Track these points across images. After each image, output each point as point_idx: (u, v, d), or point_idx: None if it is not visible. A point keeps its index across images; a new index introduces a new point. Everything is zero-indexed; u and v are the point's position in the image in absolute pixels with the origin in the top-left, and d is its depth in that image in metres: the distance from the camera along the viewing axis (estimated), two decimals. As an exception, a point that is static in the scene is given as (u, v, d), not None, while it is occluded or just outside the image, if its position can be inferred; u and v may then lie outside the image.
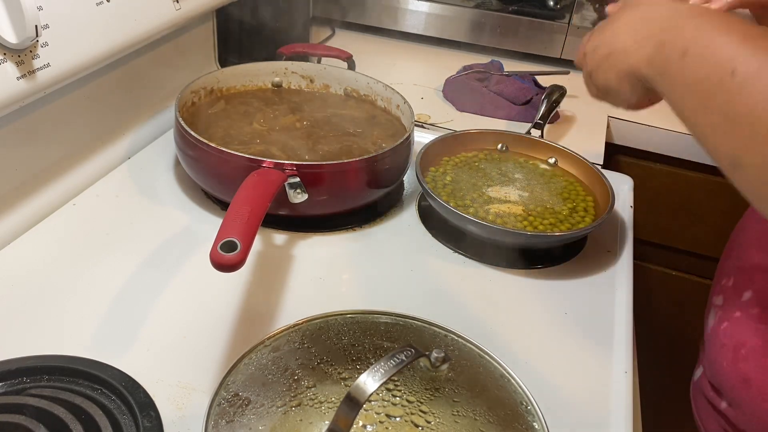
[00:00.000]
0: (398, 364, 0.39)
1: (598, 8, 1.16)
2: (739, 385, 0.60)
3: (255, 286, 0.63)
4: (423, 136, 0.85)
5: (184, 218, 0.72)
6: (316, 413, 0.48)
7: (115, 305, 0.59)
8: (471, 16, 1.23)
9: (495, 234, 0.69)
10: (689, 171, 1.10)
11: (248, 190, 0.60)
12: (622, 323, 0.64)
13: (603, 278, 0.70)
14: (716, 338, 0.64)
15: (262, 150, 0.75)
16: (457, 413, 0.48)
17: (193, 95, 0.81)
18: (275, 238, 0.71)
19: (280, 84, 0.90)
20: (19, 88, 0.59)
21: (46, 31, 0.61)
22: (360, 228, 0.74)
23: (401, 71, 1.19)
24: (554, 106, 0.97)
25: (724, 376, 0.62)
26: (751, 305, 0.61)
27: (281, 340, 0.48)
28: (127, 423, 0.47)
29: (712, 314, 0.66)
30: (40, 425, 0.44)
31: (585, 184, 0.80)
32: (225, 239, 0.51)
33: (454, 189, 0.76)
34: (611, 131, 1.10)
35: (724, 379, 0.62)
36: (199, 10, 0.86)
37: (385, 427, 0.48)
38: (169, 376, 0.52)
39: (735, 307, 0.63)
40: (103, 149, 0.78)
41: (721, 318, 0.64)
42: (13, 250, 0.64)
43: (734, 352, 0.61)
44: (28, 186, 0.68)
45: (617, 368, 0.58)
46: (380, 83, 0.87)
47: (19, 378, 0.49)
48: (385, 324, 0.50)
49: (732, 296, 0.64)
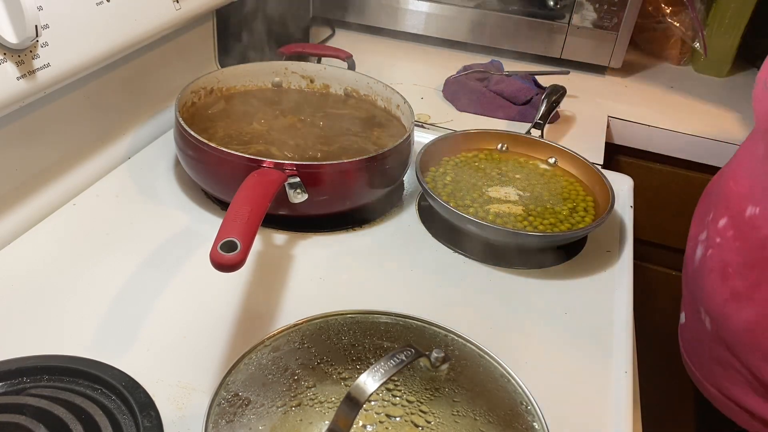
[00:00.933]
0: (398, 364, 0.39)
1: (598, 8, 1.16)
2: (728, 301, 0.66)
3: (255, 286, 0.63)
4: (423, 136, 0.85)
5: (184, 218, 0.72)
6: (316, 413, 0.48)
7: (115, 305, 0.59)
8: (471, 16, 1.23)
9: (495, 234, 0.69)
10: (689, 171, 1.10)
11: (248, 190, 0.60)
12: (622, 323, 0.64)
13: (603, 278, 0.70)
14: (704, 266, 0.70)
15: (262, 150, 0.75)
16: (457, 413, 0.48)
17: (193, 95, 0.81)
18: (275, 238, 0.71)
19: (280, 84, 0.90)
20: (19, 88, 0.59)
21: (46, 31, 0.61)
22: (360, 228, 0.74)
23: (401, 71, 1.19)
24: (554, 106, 0.97)
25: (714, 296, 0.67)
26: (727, 228, 0.67)
27: (281, 340, 0.48)
28: (127, 423, 0.47)
29: (698, 250, 0.73)
30: (40, 425, 0.44)
31: (585, 184, 0.80)
32: (225, 239, 0.51)
33: (454, 189, 0.76)
34: (611, 131, 1.10)
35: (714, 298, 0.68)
36: (199, 10, 0.86)
37: (385, 427, 0.48)
38: (169, 376, 0.52)
39: (716, 234, 0.69)
40: (103, 149, 0.78)
41: (706, 248, 0.71)
42: (13, 250, 0.64)
43: (722, 272, 0.67)
44: (28, 186, 0.68)
45: (617, 368, 0.58)
46: (380, 83, 0.87)
47: (19, 378, 0.49)
48: (385, 324, 0.50)
49: (712, 227, 0.71)
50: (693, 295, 0.74)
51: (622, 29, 1.17)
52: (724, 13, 1.23)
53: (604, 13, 1.16)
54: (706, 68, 1.31)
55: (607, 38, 1.18)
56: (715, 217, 0.71)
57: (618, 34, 1.17)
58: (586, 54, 1.21)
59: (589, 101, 1.11)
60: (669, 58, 1.35)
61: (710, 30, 1.25)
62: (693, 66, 1.34)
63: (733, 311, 0.66)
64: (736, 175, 0.70)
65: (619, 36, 1.17)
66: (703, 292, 0.70)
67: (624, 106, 1.11)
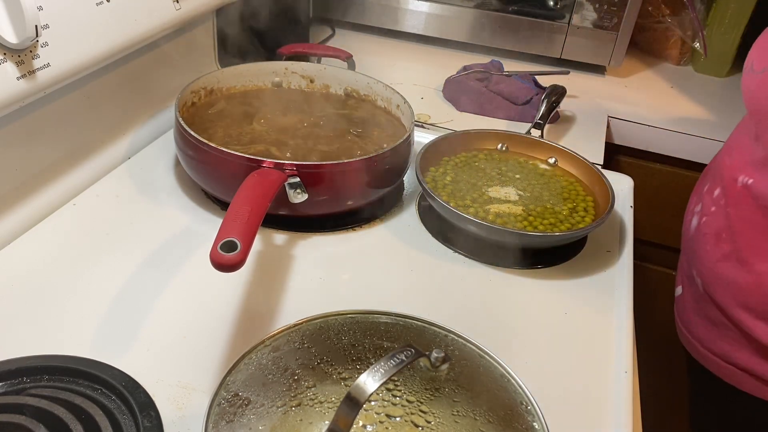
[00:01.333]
0: (398, 364, 0.39)
1: (598, 8, 1.16)
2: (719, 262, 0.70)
3: (255, 286, 0.63)
4: (423, 136, 0.85)
5: (184, 218, 0.72)
6: (316, 413, 0.48)
7: (115, 305, 0.59)
8: (471, 16, 1.23)
9: (495, 234, 0.69)
10: (689, 171, 1.10)
11: (248, 190, 0.60)
12: (622, 323, 0.64)
13: (603, 278, 0.70)
14: (699, 233, 0.75)
15: (262, 150, 0.75)
16: (457, 413, 0.48)
17: (193, 95, 0.81)
18: (275, 238, 0.71)
19: (280, 84, 0.90)
20: (19, 88, 0.59)
21: (46, 31, 0.61)
22: (360, 228, 0.74)
23: (401, 71, 1.19)
24: (554, 106, 0.97)
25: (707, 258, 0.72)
26: (719, 198, 0.73)
27: (281, 340, 0.48)
28: (127, 423, 0.47)
29: (694, 219, 0.78)
30: (40, 425, 0.44)
31: (585, 184, 0.80)
32: (225, 239, 0.51)
33: (454, 189, 0.76)
34: (611, 131, 1.10)
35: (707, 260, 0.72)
36: (199, 10, 0.86)
37: (385, 427, 0.48)
38: (169, 376, 0.52)
39: (710, 204, 0.74)
40: (103, 149, 0.78)
41: (700, 216, 0.76)
42: (13, 250, 0.64)
43: (715, 237, 0.71)
44: (28, 186, 0.68)
45: (617, 368, 0.58)
46: (380, 83, 0.87)
47: (19, 378, 0.49)
48: (385, 324, 0.50)
49: (707, 197, 0.76)
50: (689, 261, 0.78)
51: (622, 29, 1.17)
52: (724, 13, 1.23)
53: (604, 13, 1.16)
54: (706, 68, 1.31)
55: (607, 38, 1.18)
56: (710, 188, 0.76)
57: (618, 34, 1.17)
58: (586, 54, 1.21)
59: (589, 101, 1.11)
60: (669, 58, 1.35)
61: (710, 30, 1.25)
62: (693, 66, 1.34)
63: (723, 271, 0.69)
64: (731, 151, 0.73)
65: (619, 36, 1.17)
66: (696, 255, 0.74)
67: (624, 106, 1.11)
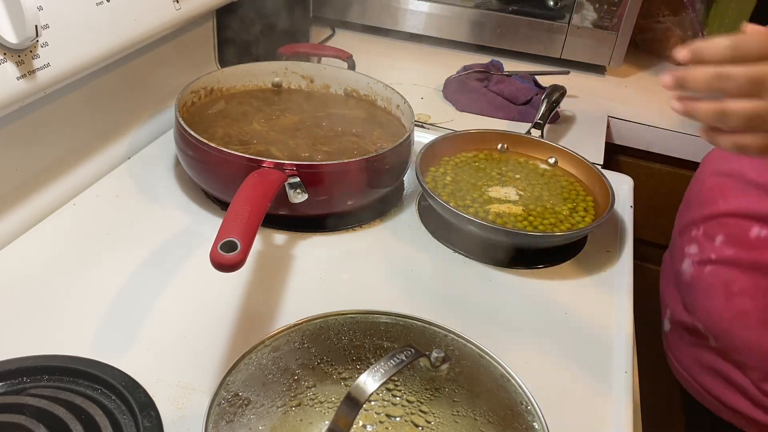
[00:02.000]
0: (398, 364, 0.39)
1: (598, 8, 1.16)
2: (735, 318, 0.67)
3: (255, 286, 0.63)
4: (423, 136, 0.85)
5: (184, 218, 0.72)
6: (316, 413, 0.48)
7: (115, 305, 0.59)
8: (471, 16, 1.23)
9: (495, 234, 0.69)
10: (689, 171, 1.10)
11: (248, 190, 0.60)
12: (622, 323, 0.64)
13: (603, 278, 0.70)
14: (701, 282, 0.70)
15: (262, 150, 0.75)
16: (457, 413, 0.48)
17: (193, 95, 0.81)
18: (275, 238, 0.71)
19: (280, 84, 0.90)
20: (19, 88, 0.59)
21: (46, 31, 0.61)
22: (360, 228, 0.74)
23: (401, 71, 1.19)
24: (554, 106, 0.97)
25: (716, 313, 0.68)
26: (725, 247, 0.68)
27: (281, 340, 0.48)
28: (127, 423, 0.47)
29: (686, 264, 0.74)
30: (40, 425, 0.44)
31: (585, 184, 0.80)
32: (225, 239, 0.51)
33: (454, 189, 0.76)
34: (611, 131, 1.10)
35: (716, 315, 0.68)
36: (199, 10, 0.86)
37: (385, 427, 0.48)
38: (169, 376, 0.52)
39: (710, 251, 0.70)
40: (103, 149, 0.78)
41: (700, 263, 0.71)
42: (13, 250, 0.64)
43: (726, 289, 0.67)
44: (28, 186, 0.68)
45: (617, 368, 0.58)
46: (380, 83, 0.86)
47: (19, 378, 0.49)
48: (385, 324, 0.50)
49: (704, 243, 0.71)
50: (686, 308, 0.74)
51: (622, 29, 1.16)
52: (724, 13, 1.23)
53: (604, 13, 1.16)
54: (706, 68, 1.31)
55: (607, 38, 1.18)
56: (706, 233, 0.71)
57: (618, 34, 1.17)
58: (586, 54, 1.21)
59: (589, 101, 1.11)
60: (669, 59, 1.35)
61: (710, 30, 1.25)
62: (693, 66, 1.34)
63: (740, 331, 0.66)
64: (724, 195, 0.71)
65: (619, 36, 1.17)
66: (698, 306, 0.70)
67: (624, 106, 1.11)
